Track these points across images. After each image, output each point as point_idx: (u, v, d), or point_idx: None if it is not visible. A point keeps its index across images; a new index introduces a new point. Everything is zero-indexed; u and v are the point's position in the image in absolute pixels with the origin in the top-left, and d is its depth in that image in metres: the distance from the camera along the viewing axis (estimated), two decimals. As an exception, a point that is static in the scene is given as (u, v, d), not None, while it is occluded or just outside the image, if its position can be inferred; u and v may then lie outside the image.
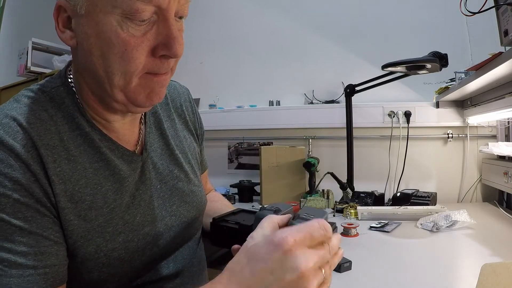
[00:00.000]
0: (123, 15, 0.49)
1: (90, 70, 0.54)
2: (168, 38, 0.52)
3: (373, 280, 0.81)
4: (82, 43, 0.52)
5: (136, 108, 0.58)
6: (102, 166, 0.58)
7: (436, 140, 1.79)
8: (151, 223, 0.63)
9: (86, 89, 0.58)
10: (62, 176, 0.52)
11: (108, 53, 0.50)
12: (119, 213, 0.58)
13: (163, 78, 0.56)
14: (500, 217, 1.35)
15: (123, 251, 0.58)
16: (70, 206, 0.53)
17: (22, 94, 0.57)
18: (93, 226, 0.55)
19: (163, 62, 0.54)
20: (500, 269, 0.64)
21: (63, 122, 0.56)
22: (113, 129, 0.61)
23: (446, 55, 1.28)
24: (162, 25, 0.52)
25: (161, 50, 0.52)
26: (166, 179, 0.68)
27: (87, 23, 0.50)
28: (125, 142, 0.63)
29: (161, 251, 0.65)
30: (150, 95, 0.56)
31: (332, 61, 2.02)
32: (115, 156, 0.60)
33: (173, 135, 0.73)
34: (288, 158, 1.85)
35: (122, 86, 0.53)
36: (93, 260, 0.55)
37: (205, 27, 2.28)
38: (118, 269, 0.58)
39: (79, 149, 0.56)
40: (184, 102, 0.79)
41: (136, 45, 0.50)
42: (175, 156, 0.71)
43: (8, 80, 2.65)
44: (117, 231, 0.57)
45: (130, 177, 0.61)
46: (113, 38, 0.49)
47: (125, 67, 0.51)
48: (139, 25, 0.50)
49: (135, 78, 0.53)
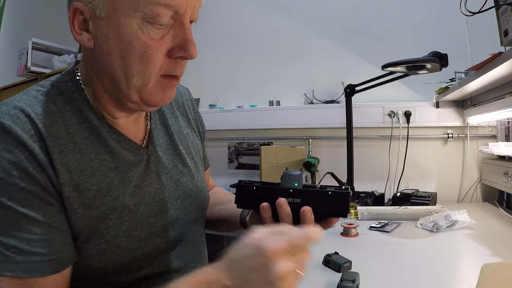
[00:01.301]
0: (143, 19, 0.52)
1: (108, 71, 0.56)
2: (184, 41, 0.55)
3: (373, 280, 0.81)
4: (102, 45, 0.54)
5: (148, 108, 0.61)
6: (107, 158, 0.59)
7: (436, 140, 1.79)
8: (156, 215, 0.64)
9: (99, 87, 0.60)
10: (68, 166, 0.54)
11: (128, 55, 0.53)
12: (124, 201, 0.60)
13: (176, 81, 0.60)
14: (500, 217, 1.35)
15: (125, 239, 0.59)
16: (76, 195, 0.54)
17: (32, 88, 0.60)
18: (96, 214, 0.56)
19: (178, 63, 0.57)
20: (500, 269, 0.64)
21: (71, 115, 0.58)
22: (118, 126, 0.63)
23: (446, 55, 1.28)
24: (179, 29, 0.55)
25: (177, 52, 0.56)
26: (171, 173, 0.69)
27: (107, 26, 0.53)
28: (131, 137, 0.65)
29: (164, 244, 0.66)
30: (163, 97, 0.59)
31: (332, 61, 2.02)
32: (122, 147, 0.62)
33: (178, 131, 0.75)
34: (288, 158, 1.85)
35: (139, 87, 0.56)
36: (94, 246, 0.56)
37: (205, 27, 2.28)
38: (119, 257, 0.59)
39: (85, 141, 0.58)
40: (186, 101, 0.82)
41: (155, 48, 0.54)
42: (179, 152, 0.73)
43: (8, 80, 2.65)
44: (121, 218, 0.59)
45: (135, 168, 0.63)
46: (134, 40, 0.52)
47: (144, 68, 0.54)
48: (158, 29, 0.53)
49: (153, 79, 0.56)
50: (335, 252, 0.93)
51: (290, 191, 0.58)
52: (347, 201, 0.57)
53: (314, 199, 0.57)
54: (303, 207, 0.57)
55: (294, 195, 0.57)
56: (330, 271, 0.88)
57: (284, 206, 0.58)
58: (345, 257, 0.90)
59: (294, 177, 0.59)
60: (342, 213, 0.58)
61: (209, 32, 2.27)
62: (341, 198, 0.57)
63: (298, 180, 0.58)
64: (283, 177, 0.60)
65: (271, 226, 0.50)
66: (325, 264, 0.90)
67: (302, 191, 0.58)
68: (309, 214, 0.57)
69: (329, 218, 0.60)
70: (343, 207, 0.57)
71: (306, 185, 0.59)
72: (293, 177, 0.59)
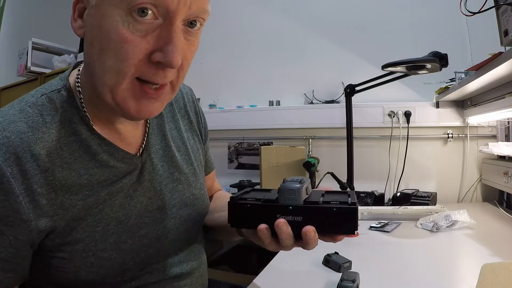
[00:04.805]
0: (128, 11, 0.47)
1: (89, 64, 0.53)
2: (167, 44, 0.48)
3: (373, 280, 0.81)
4: (87, 34, 0.51)
5: (127, 116, 0.55)
6: (98, 172, 0.57)
7: (436, 140, 1.79)
8: (148, 225, 0.62)
9: (90, 84, 0.56)
10: (53, 185, 0.52)
11: (105, 47, 0.49)
12: (111, 213, 0.57)
13: (155, 93, 0.53)
14: (500, 217, 1.35)
15: (114, 252, 0.57)
16: (61, 212, 0.52)
17: (22, 98, 0.56)
18: (81, 225, 0.54)
19: (157, 70, 0.50)
20: (500, 269, 0.64)
21: (59, 127, 0.55)
22: (115, 130, 0.61)
23: (446, 55, 1.28)
24: (166, 29, 0.49)
25: (157, 56, 0.49)
26: (165, 181, 0.66)
27: (94, 14, 0.49)
28: (127, 143, 0.62)
29: (159, 254, 0.64)
30: (138, 107, 0.53)
31: (332, 61, 2.02)
32: (115, 159, 0.59)
33: (176, 136, 0.72)
34: (288, 158, 1.85)
35: (112, 85, 0.51)
36: (80, 259, 0.54)
37: (205, 27, 2.27)
38: (108, 270, 0.57)
39: (74, 155, 0.55)
40: (188, 102, 0.79)
41: (133, 45, 0.48)
42: (176, 159, 0.70)
43: (8, 80, 2.65)
44: (108, 231, 0.56)
45: (126, 178, 0.60)
46: (112, 33, 0.48)
47: (118, 66, 0.49)
48: (141, 24, 0.48)
49: (126, 80, 0.50)
50: (335, 252, 0.93)
51: (290, 208, 0.51)
52: (354, 218, 0.51)
53: (318, 216, 0.51)
54: (306, 227, 0.51)
55: (294, 212, 0.51)
56: (330, 271, 0.88)
57: (284, 228, 0.51)
58: (345, 257, 0.90)
59: (293, 191, 0.52)
60: (349, 231, 0.51)
61: (209, 32, 2.26)
62: (348, 215, 0.51)
63: (298, 195, 0.51)
64: (280, 191, 0.52)
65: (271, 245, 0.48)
66: (325, 264, 0.90)
67: (303, 208, 0.51)
68: (312, 234, 0.51)
69: (335, 235, 0.54)
70: (350, 225, 0.51)
71: (308, 200, 0.53)
72: (291, 192, 0.52)
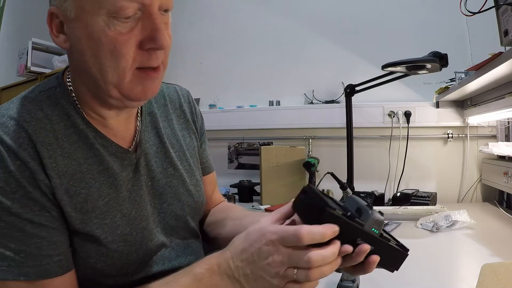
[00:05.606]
0: (109, 15, 0.52)
1: (85, 69, 0.56)
2: (153, 31, 0.54)
3: (373, 280, 0.81)
4: (75, 45, 0.56)
5: (131, 103, 0.60)
6: (96, 162, 0.60)
7: (436, 140, 1.79)
8: (147, 218, 0.65)
9: (83, 87, 0.60)
10: (57, 171, 0.55)
11: (99, 52, 0.53)
12: (116, 206, 0.61)
13: (155, 73, 0.59)
14: (500, 217, 1.35)
15: (122, 243, 0.60)
16: (66, 199, 0.56)
17: (20, 95, 0.60)
18: (90, 218, 0.58)
19: (151, 54, 0.56)
20: (500, 269, 0.64)
21: (58, 120, 0.59)
22: (108, 126, 0.64)
23: (446, 55, 1.28)
24: (147, 20, 0.54)
25: (148, 43, 0.55)
26: (158, 176, 0.69)
27: (77, 26, 0.54)
28: (120, 138, 0.65)
29: (155, 247, 0.66)
30: (144, 90, 0.58)
31: (332, 61, 2.02)
32: (108, 153, 0.62)
33: (169, 134, 0.75)
34: (288, 158, 1.84)
35: (116, 82, 0.55)
36: (92, 248, 0.58)
37: (205, 27, 2.28)
38: (115, 260, 0.60)
39: (73, 146, 0.59)
40: (185, 103, 0.81)
41: (124, 42, 0.53)
42: (170, 155, 0.72)
43: (8, 80, 2.64)
44: (115, 223, 0.60)
45: (123, 173, 0.63)
46: (102, 37, 0.52)
47: (117, 63, 0.54)
48: (125, 22, 0.53)
49: (128, 73, 0.55)
50: (335, 252, 0.92)
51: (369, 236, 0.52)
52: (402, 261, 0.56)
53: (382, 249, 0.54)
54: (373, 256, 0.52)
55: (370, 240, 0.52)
56: (330, 271, 0.88)
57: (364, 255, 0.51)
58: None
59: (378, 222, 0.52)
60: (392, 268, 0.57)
61: (209, 31, 2.27)
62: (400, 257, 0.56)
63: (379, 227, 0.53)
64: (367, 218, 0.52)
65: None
66: (325, 264, 0.90)
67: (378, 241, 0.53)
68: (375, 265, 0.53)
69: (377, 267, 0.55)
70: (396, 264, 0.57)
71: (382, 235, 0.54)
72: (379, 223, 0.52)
